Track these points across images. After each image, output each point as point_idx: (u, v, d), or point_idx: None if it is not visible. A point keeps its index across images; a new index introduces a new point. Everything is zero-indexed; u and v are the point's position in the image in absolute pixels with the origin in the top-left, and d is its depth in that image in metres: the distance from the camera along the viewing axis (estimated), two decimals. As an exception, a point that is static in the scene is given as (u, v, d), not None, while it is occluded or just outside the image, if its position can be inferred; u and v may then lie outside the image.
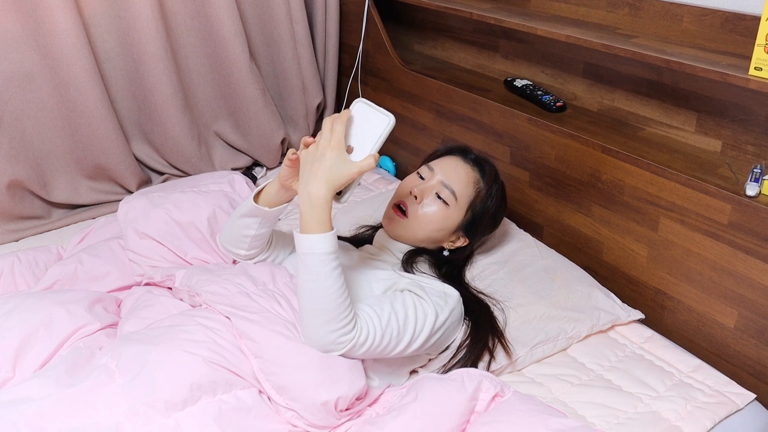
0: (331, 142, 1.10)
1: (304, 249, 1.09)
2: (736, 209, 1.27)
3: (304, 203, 1.10)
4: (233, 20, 2.03)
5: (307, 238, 1.09)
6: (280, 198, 1.27)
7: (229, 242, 1.36)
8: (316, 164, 1.09)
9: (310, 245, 1.09)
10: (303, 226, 1.10)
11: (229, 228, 1.35)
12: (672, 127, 1.53)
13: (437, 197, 1.38)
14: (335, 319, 1.09)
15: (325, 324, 1.09)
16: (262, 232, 1.32)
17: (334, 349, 1.11)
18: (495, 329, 1.33)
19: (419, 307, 1.21)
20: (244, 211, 1.30)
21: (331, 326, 1.09)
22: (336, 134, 1.10)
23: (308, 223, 1.09)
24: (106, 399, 1.02)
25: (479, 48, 2.02)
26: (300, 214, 1.11)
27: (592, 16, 1.63)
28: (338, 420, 1.11)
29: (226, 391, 1.08)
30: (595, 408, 1.25)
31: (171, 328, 1.15)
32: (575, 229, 1.65)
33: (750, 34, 1.32)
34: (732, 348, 1.37)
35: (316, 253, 1.08)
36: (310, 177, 1.10)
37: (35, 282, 1.51)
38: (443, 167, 1.41)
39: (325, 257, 1.08)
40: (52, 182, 1.95)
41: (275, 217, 1.31)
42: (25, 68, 1.80)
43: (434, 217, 1.37)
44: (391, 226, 1.40)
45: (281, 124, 2.26)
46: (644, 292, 1.52)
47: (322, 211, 1.09)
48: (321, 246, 1.08)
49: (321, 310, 1.08)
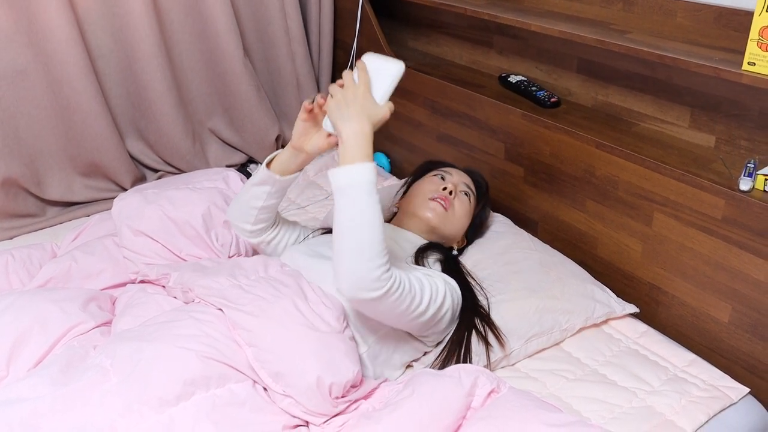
0: (360, 87, 1.15)
1: (347, 181, 1.10)
2: (730, 204, 1.28)
3: (349, 138, 1.12)
4: (227, 17, 2.03)
5: (350, 168, 1.10)
6: (290, 165, 1.32)
7: (236, 216, 1.40)
8: (352, 106, 1.14)
9: (353, 175, 1.10)
10: (345, 160, 1.12)
11: (237, 200, 1.39)
12: (666, 122, 1.53)
13: (464, 193, 1.51)
14: (378, 255, 1.09)
15: (368, 261, 1.08)
16: (271, 203, 1.36)
17: (373, 289, 1.09)
18: (480, 313, 1.36)
19: (432, 279, 1.26)
20: (255, 179, 1.34)
21: (374, 263, 1.08)
22: (363, 82, 1.16)
23: (353, 156, 1.11)
24: (100, 398, 1.01)
25: (474, 44, 2.02)
26: (341, 151, 1.13)
27: (586, 12, 1.63)
28: (334, 407, 1.11)
29: (220, 386, 1.08)
30: (590, 403, 1.25)
31: (164, 324, 1.15)
32: (570, 225, 1.65)
33: (743, 30, 1.32)
34: (726, 342, 1.37)
35: (361, 182, 1.10)
36: (350, 116, 1.13)
37: (29, 279, 1.50)
38: (454, 173, 1.56)
39: (369, 187, 1.10)
40: (46, 180, 1.95)
41: (285, 188, 1.35)
42: (19, 65, 1.79)
43: (466, 212, 1.50)
44: (435, 217, 1.46)
45: (276, 121, 2.25)
46: (639, 287, 1.52)
47: (368, 144, 1.12)
48: (366, 174, 1.10)
49: (364, 246, 1.08)
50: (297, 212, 1.98)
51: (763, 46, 1.16)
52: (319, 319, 1.16)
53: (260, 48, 2.24)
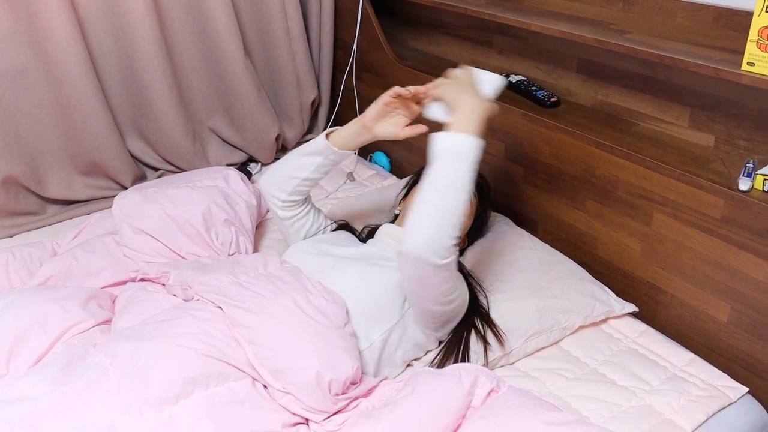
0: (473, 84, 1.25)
1: (453, 147, 1.15)
2: (729, 204, 1.28)
3: (466, 111, 1.18)
4: (228, 16, 2.03)
5: (459, 136, 1.16)
6: (352, 141, 1.37)
7: (273, 183, 1.42)
8: (471, 88, 1.22)
9: (460, 143, 1.15)
10: (456, 128, 1.17)
11: (279, 168, 1.42)
12: (665, 122, 1.53)
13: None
14: (455, 227, 1.14)
15: (447, 227, 1.13)
16: (316, 176, 1.39)
17: (441, 257, 1.13)
18: (480, 313, 1.37)
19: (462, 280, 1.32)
20: (307, 149, 1.38)
21: (451, 232, 1.14)
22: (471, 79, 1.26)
23: (465, 127, 1.17)
24: (100, 397, 1.02)
25: (474, 44, 2.02)
26: (455, 119, 1.19)
27: (586, 12, 1.64)
28: (334, 404, 1.12)
29: (219, 384, 1.08)
30: (589, 402, 1.25)
31: (164, 322, 1.15)
32: (569, 224, 1.65)
33: (743, 30, 1.33)
34: (725, 342, 1.37)
35: (466, 151, 1.15)
36: (471, 94, 1.21)
37: (30, 278, 1.50)
38: None
39: (472, 159, 1.15)
40: (47, 178, 1.95)
41: (336, 162, 1.39)
42: (19, 64, 1.80)
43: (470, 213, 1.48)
44: None
45: (276, 120, 2.26)
46: (638, 286, 1.52)
47: (480, 123, 1.18)
48: (472, 146, 1.16)
49: (448, 212, 1.13)
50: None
51: (762, 46, 1.16)
52: (319, 314, 1.17)
53: (261, 47, 2.24)
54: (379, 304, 1.26)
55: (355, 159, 2.25)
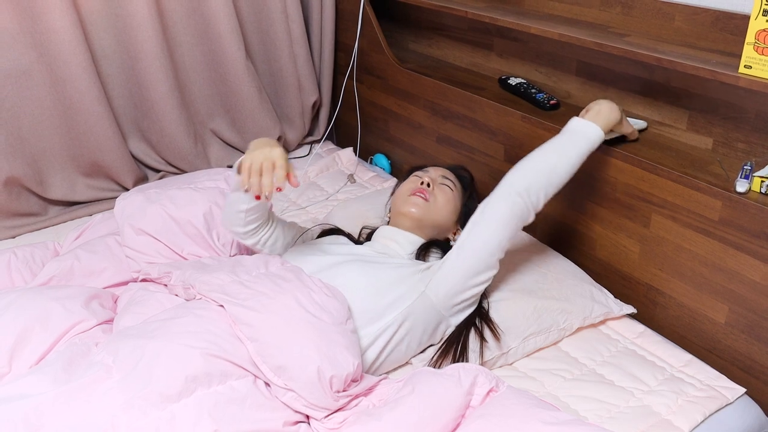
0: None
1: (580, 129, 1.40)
2: (727, 206, 1.29)
3: (603, 109, 1.42)
4: (229, 18, 2.04)
5: (588, 124, 1.41)
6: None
7: (226, 222, 1.42)
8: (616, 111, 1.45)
9: (586, 129, 1.40)
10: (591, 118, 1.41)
11: (225, 206, 1.42)
12: (664, 124, 1.54)
13: (442, 185, 1.53)
14: (555, 189, 1.38)
15: (547, 186, 1.36)
16: (253, 205, 1.36)
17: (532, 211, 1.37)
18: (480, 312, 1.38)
19: None
20: (231, 186, 1.38)
21: (550, 190, 1.37)
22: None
23: (597, 119, 1.41)
24: (102, 395, 1.02)
25: (474, 46, 2.03)
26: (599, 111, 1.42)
27: (586, 15, 1.65)
28: (335, 402, 1.12)
29: (221, 382, 1.08)
30: (587, 402, 1.26)
31: (166, 321, 1.16)
32: (568, 226, 1.66)
33: (740, 33, 1.33)
34: (723, 343, 1.38)
35: (588, 136, 1.40)
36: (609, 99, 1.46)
37: (32, 278, 1.51)
38: (432, 169, 1.57)
39: (589, 143, 1.40)
40: (49, 179, 1.96)
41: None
42: (22, 65, 1.81)
43: (448, 199, 1.51)
44: (417, 209, 1.47)
45: (277, 122, 2.27)
46: (636, 288, 1.53)
47: (608, 122, 1.42)
48: (595, 134, 1.40)
49: (555, 172, 1.36)
50: (297, 213, 1.99)
51: (759, 49, 1.17)
52: (321, 311, 1.17)
53: (262, 49, 2.25)
54: (379, 301, 1.27)
55: (355, 161, 2.26)
